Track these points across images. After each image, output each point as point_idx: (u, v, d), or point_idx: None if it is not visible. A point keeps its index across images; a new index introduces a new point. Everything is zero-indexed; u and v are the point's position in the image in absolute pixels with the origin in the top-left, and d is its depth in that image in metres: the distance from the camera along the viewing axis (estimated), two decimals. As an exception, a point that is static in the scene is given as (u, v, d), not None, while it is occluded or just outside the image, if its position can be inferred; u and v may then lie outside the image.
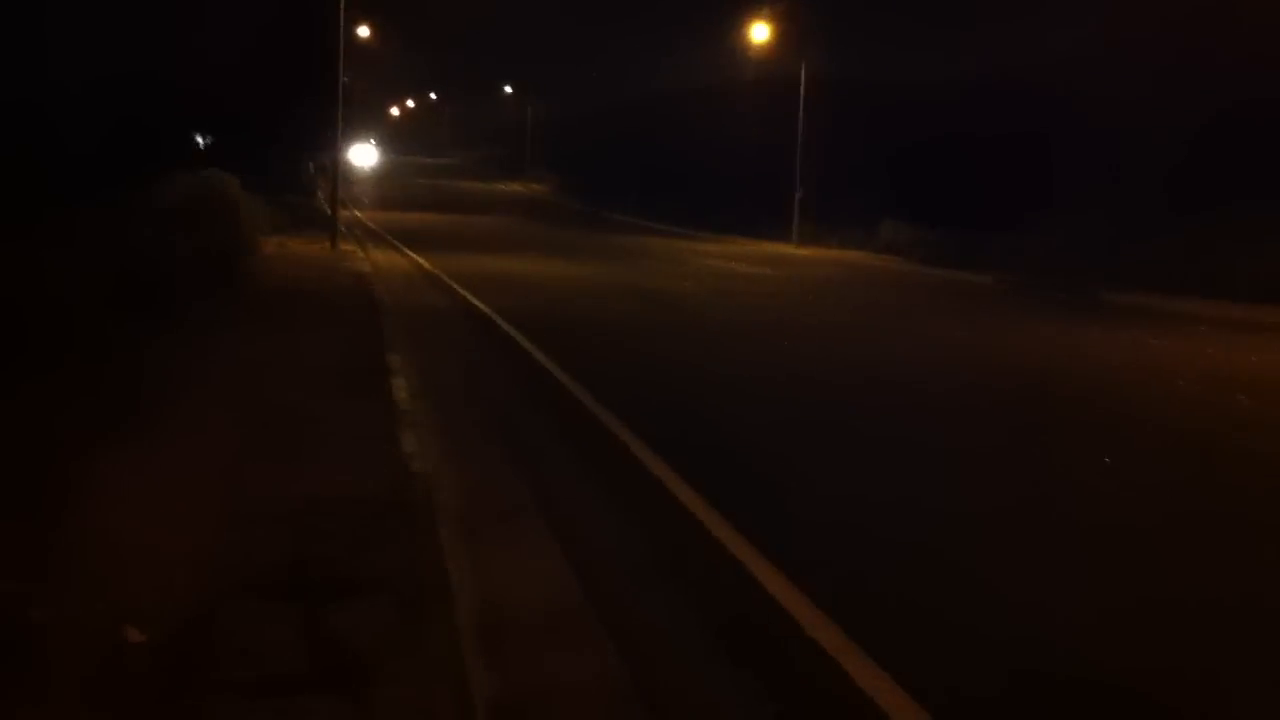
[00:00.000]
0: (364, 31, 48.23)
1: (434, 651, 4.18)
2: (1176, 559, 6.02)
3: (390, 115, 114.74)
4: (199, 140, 35.12)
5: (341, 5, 26.73)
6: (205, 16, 28.75)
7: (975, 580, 5.50)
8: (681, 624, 4.84)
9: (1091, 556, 6.02)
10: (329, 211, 29.16)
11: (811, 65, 40.40)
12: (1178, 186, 27.06)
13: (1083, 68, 33.24)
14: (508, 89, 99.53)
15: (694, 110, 57.39)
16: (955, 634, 4.84)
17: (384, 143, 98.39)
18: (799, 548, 5.76)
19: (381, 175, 70.27)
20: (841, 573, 5.48)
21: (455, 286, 18.96)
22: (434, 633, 4.34)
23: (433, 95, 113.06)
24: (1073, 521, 6.67)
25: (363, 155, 68.19)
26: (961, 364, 13.31)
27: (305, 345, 11.16)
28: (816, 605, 4.95)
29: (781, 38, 43.23)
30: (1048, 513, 6.85)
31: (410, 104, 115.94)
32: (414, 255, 26.37)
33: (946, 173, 36.57)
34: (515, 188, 75.11)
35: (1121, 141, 30.14)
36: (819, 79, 40.38)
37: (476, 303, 16.65)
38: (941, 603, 5.19)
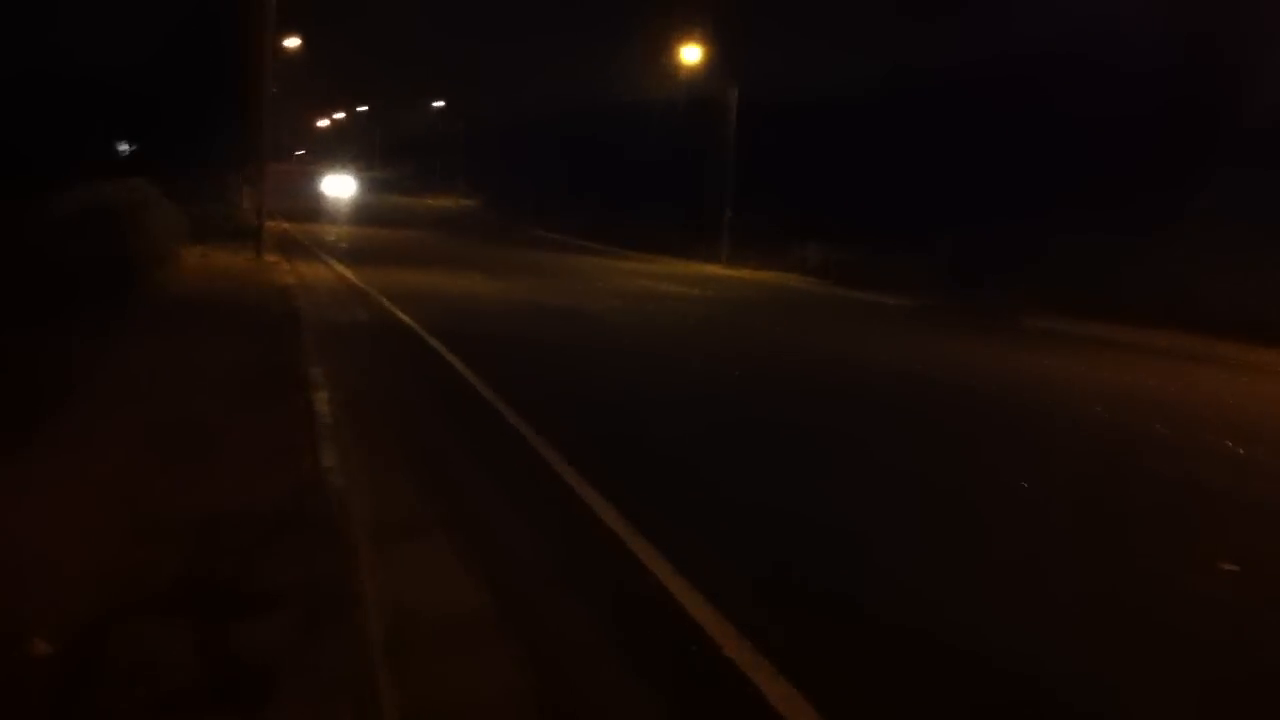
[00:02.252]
0: (292, 43, 47.80)
1: (338, 667, 4.12)
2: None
3: (317, 127, 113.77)
4: (122, 148, 34.55)
5: (271, 16, 26.47)
6: (131, 20, 28.33)
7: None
8: (590, 634, 4.83)
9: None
10: (254, 223, 28.77)
11: (743, 87, 40.68)
12: (1078, 208, 27.71)
13: (996, 85, 33.85)
14: (437, 103, 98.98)
15: (625, 128, 57.52)
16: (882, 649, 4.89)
17: (308, 154, 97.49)
18: (697, 551, 5.79)
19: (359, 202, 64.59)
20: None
21: (381, 300, 18.79)
22: (338, 648, 4.28)
23: (361, 108, 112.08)
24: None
25: (339, 186, 63.32)
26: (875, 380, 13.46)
27: (220, 356, 10.97)
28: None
29: (713, 58, 43.50)
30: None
31: (339, 116, 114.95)
32: (339, 267, 26.11)
33: (871, 193, 37.03)
34: (444, 202, 74.65)
35: (1021, 160, 30.82)
36: (751, 100, 40.67)
37: (402, 316, 16.52)
38: (865, 610, 5.23)
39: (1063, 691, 4.64)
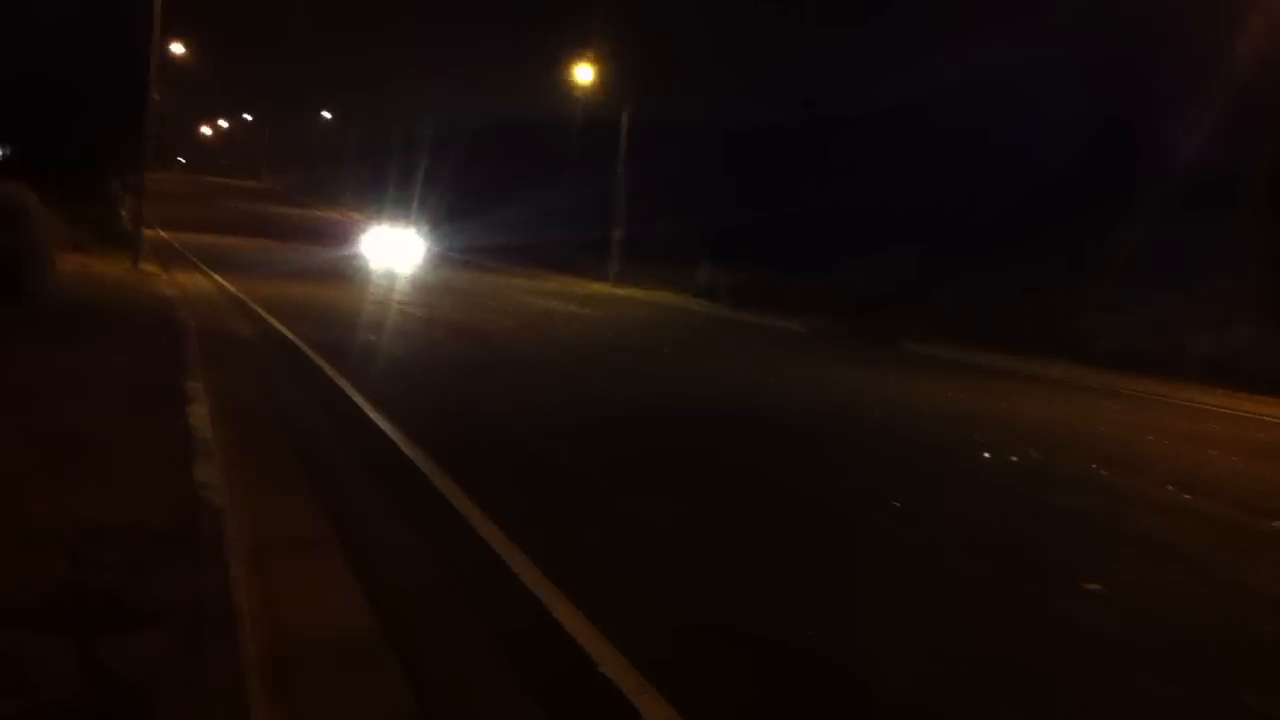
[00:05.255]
0: (178, 48, 46.88)
1: (217, 686, 4.07)
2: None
3: (202, 134, 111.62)
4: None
5: (156, 20, 25.94)
6: (7, 23, 27.51)
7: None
8: (475, 655, 4.84)
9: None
10: (133, 231, 28.11)
11: (637, 107, 41.02)
12: (975, 241, 28.46)
13: (909, 119, 34.69)
14: (326, 114, 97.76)
15: (517, 145, 57.53)
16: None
17: (191, 162, 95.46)
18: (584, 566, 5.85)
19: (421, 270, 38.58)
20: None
21: (261, 312, 18.52)
22: (217, 667, 4.22)
23: (247, 116, 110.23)
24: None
25: (394, 244, 40.51)
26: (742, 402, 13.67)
27: (96, 367, 10.72)
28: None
29: (607, 79, 43.76)
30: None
31: (223, 124, 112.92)
32: (219, 278, 25.66)
33: (763, 215, 37.60)
34: (332, 214, 73.69)
35: (927, 191, 31.55)
36: (644, 121, 41.00)
37: (283, 330, 16.31)
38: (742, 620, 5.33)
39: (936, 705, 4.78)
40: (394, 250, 39.57)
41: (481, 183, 58.43)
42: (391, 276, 31.82)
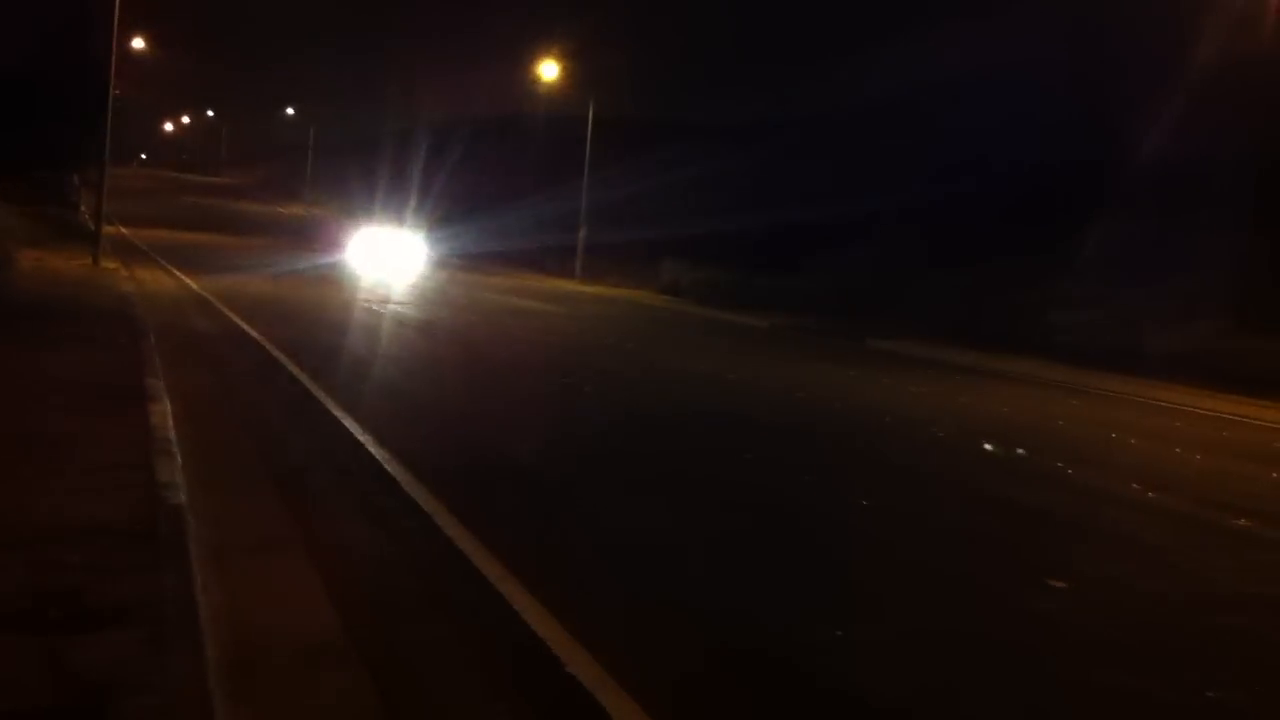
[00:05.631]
0: (139, 43, 46.48)
1: (180, 687, 4.02)
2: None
3: (164, 130, 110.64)
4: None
5: (115, 13, 25.66)
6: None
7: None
8: (442, 653, 4.80)
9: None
10: (93, 227, 27.82)
11: (603, 104, 40.96)
12: (940, 239, 28.61)
13: (881, 119, 34.83)
14: (290, 110, 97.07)
15: (483, 141, 57.34)
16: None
17: (153, 157, 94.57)
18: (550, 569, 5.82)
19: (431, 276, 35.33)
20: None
21: (223, 309, 18.36)
22: (181, 668, 4.16)
23: (210, 112, 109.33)
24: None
25: (389, 248, 36.60)
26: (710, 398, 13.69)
27: (55, 366, 10.58)
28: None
29: (572, 76, 43.69)
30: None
31: (185, 120, 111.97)
32: (181, 275, 25.41)
33: (730, 212, 37.65)
34: (295, 210, 73.14)
35: (893, 189, 31.69)
36: (610, 118, 40.95)
37: (245, 327, 16.16)
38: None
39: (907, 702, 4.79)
40: (390, 255, 35.68)
41: (442, 180, 58.07)
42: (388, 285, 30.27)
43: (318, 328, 17.55)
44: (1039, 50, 32.77)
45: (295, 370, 12.42)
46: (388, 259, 35.16)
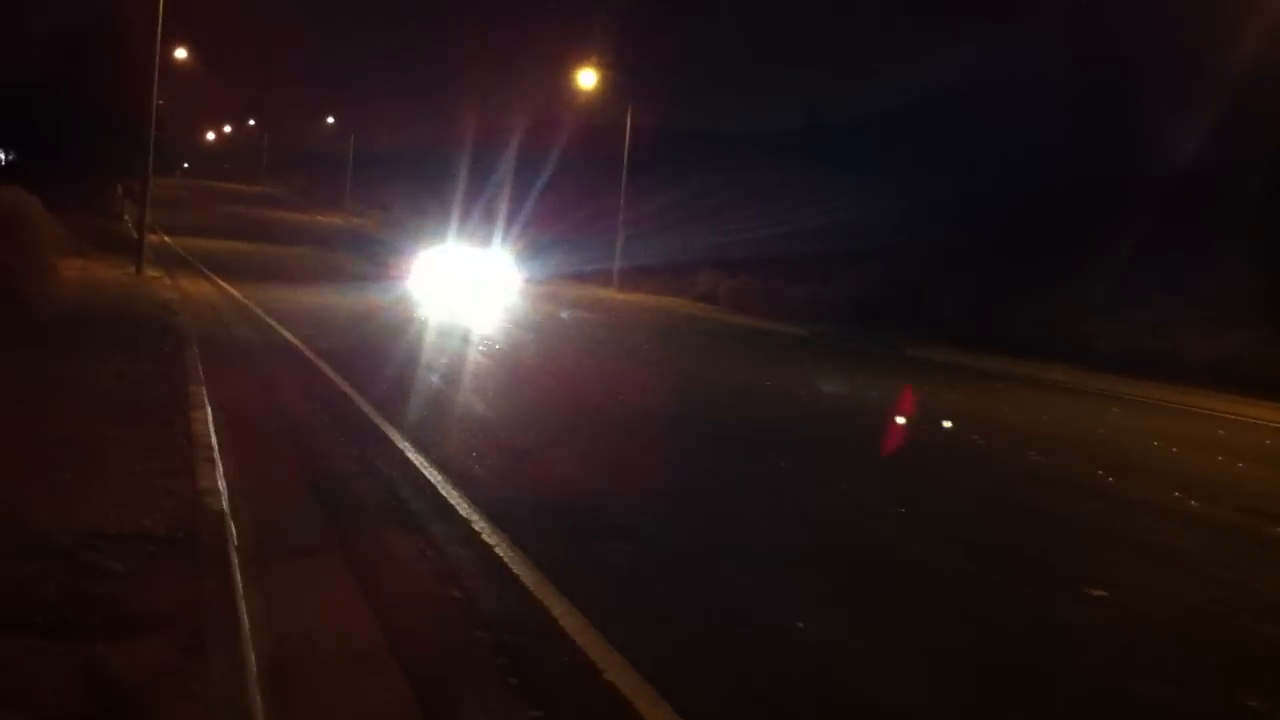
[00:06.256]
0: (181, 53, 46.92)
1: (219, 694, 4.05)
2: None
3: (205, 140, 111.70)
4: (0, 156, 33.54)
5: (159, 25, 25.95)
6: (12, 30, 27.57)
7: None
8: (475, 661, 4.82)
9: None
10: (136, 236, 28.11)
11: (641, 114, 40.97)
12: (974, 246, 28.44)
13: (910, 127, 34.67)
14: (330, 119, 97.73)
15: (523, 151, 57.43)
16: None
17: (194, 167, 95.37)
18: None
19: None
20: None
21: (264, 317, 18.51)
22: (220, 675, 4.20)
23: (251, 121, 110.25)
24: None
25: (470, 271, 29.24)
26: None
27: (98, 374, 10.68)
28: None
29: (609, 85, 43.71)
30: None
31: (227, 129, 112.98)
32: (223, 284, 25.65)
33: (769, 222, 37.60)
34: (335, 220, 73.58)
35: (926, 196, 31.52)
36: (649, 128, 40.96)
37: (286, 335, 16.29)
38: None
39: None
40: (471, 280, 28.53)
41: (482, 190, 58.19)
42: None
43: (355, 338, 17.61)
44: (1072, 52, 32.52)
45: (337, 379, 12.45)
46: (475, 287, 28.05)
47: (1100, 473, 10.62)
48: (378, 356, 15.13)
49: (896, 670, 5.18)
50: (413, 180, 66.62)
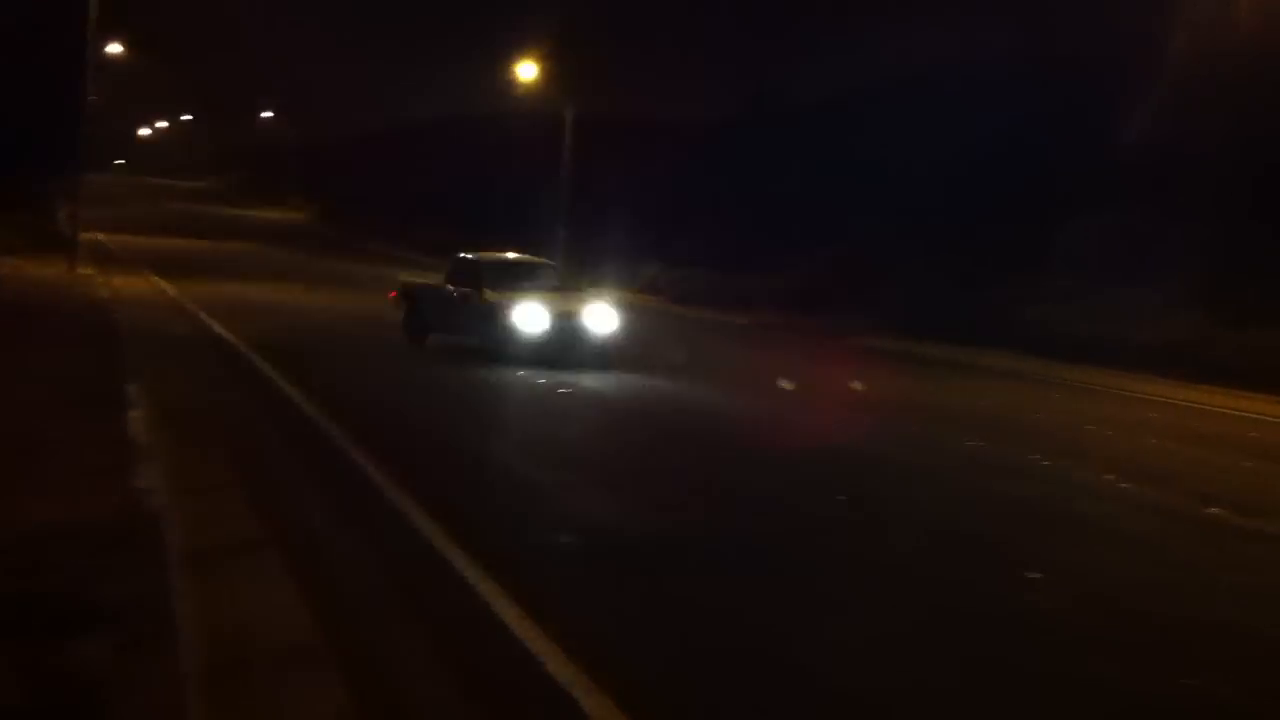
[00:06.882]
0: (115, 48, 46.17)
1: (159, 690, 4.02)
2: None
3: (139, 135, 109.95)
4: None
5: (91, 21, 25.55)
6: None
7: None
8: (414, 656, 4.81)
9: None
10: (69, 234, 27.68)
11: (579, 105, 40.78)
12: (917, 235, 28.68)
13: (857, 117, 34.81)
14: (266, 113, 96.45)
15: (460, 142, 57.08)
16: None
17: (130, 163, 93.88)
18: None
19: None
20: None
21: (200, 314, 18.31)
22: (160, 671, 4.17)
23: (186, 116, 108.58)
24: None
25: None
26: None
27: (33, 372, 10.53)
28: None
29: (549, 76, 43.49)
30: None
31: (162, 124, 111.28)
32: (159, 281, 25.32)
33: (708, 212, 37.64)
34: (272, 214, 72.66)
35: (867, 186, 31.71)
36: (586, 119, 40.78)
37: (222, 332, 16.12)
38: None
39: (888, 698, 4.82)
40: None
41: (418, 181, 57.83)
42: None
43: (286, 330, 17.45)
44: (1013, 41, 32.81)
45: (270, 372, 12.35)
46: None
47: (1036, 456, 10.74)
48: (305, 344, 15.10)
49: (842, 656, 5.22)
50: (359, 174, 66.10)
